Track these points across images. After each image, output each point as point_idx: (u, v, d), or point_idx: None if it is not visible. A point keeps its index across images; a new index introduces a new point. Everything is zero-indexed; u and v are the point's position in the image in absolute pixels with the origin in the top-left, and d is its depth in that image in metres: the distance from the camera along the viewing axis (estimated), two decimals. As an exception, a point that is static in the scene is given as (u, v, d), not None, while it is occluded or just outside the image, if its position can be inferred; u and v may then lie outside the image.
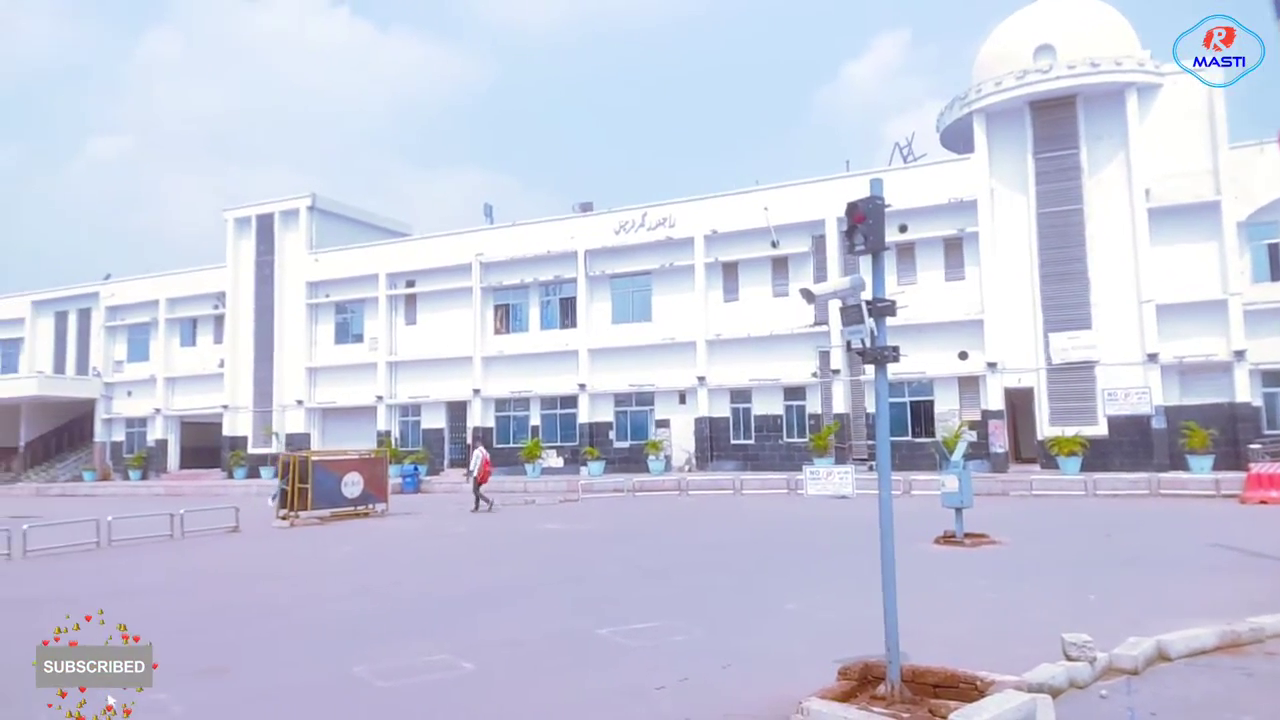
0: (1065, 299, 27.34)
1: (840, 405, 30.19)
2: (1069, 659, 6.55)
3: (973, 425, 27.76)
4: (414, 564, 14.69)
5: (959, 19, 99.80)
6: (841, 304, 6.32)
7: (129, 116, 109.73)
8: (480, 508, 22.91)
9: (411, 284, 38.51)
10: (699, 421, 32.41)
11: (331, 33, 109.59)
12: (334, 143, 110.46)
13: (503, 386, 36.06)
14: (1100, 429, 26.62)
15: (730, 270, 32.88)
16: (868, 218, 6.09)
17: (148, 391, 44.11)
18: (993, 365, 28.09)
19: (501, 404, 36.37)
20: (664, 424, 33.50)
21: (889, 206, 6.37)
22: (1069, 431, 26.35)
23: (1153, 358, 26.26)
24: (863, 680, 6.17)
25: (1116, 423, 26.58)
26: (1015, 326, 27.96)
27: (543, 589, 11.57)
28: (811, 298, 6.85)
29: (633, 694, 6.60)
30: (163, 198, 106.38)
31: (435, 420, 37.57)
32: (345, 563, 14.98)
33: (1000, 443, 27.81)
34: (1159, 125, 27.09)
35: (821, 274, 30.35)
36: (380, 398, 37.94)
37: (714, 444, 32.27)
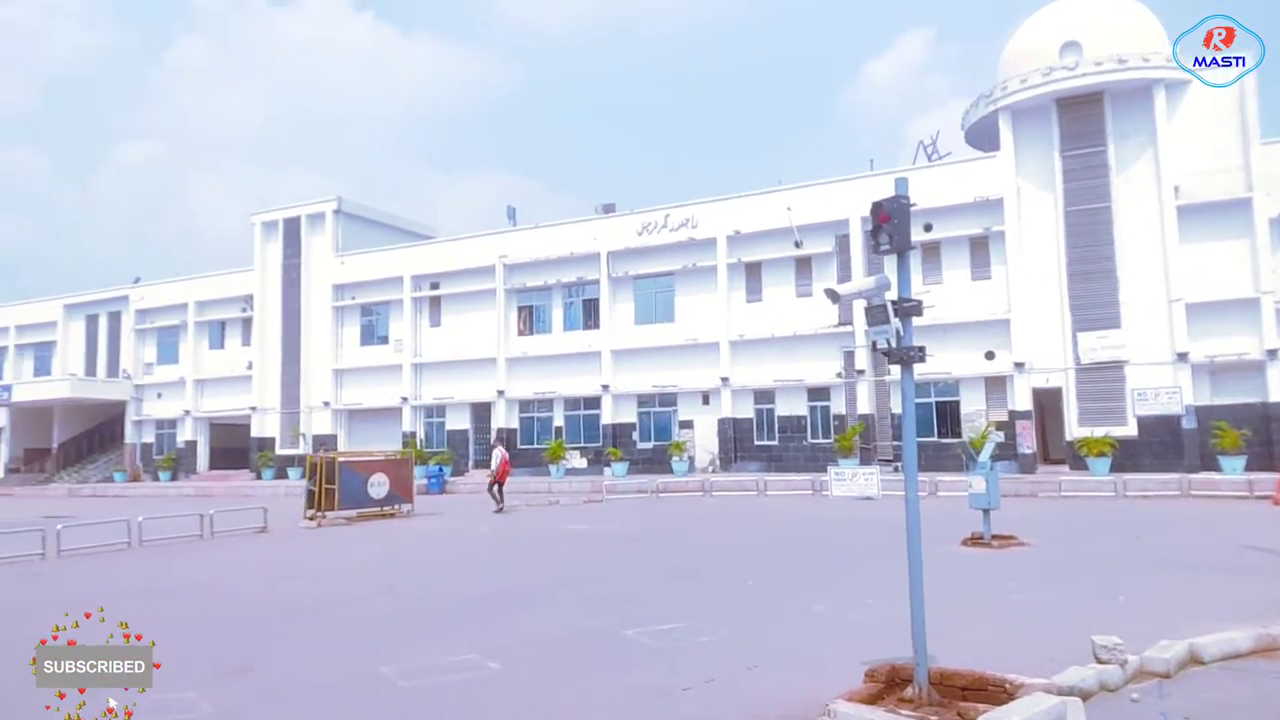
0: (1094, 298, 27.04)
1: (865, 406, 30.04)
2: (1099, 662, 6.47)
3: (1000, 426, 27.46)
4: (440, 564, 14.78)
5: (984, 16, 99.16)
6: (867, 304, 6.28)
7: (158, 122, 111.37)
8: (500, 506, 22.96)
9: (436, 286, 38.75)
10: (722, 422, 32.36)
11: (356, 38, 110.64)
12: (359, 146, 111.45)
13: (526, 388, 36.20)
14: (1130, 429, 26.30)
15: (753, 270, 32.81)
16: (893, 217, 6.06)
17: (177, 393, 44.70)
18: (1020, 365, 27.84)
19: (525, 405, 36.52)
20: (687, 425, 33.48)
21: (914, 206, 6.33)
22: (1098, 432, 26.06)
23: (1183, 357, 25.91)
24: (890, 683, 6.13)
25: (1146, 423, 26.25)
26: (1043, 326, 27.69)
27: (568, 589, 11.60)
28: (836, 298, 6.83)
29: (659, 694, 6.60)
30: (191, 202, 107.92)
31: (460, 421, 37.78)
32: (371, 563, 15.09)
33: (1028, 443, 27.55)
34: (1188, 121, 26.75)
35: (845, 274, 30.22)
36: (405, 399, 38.21)
37: (738, 445, 32.20)
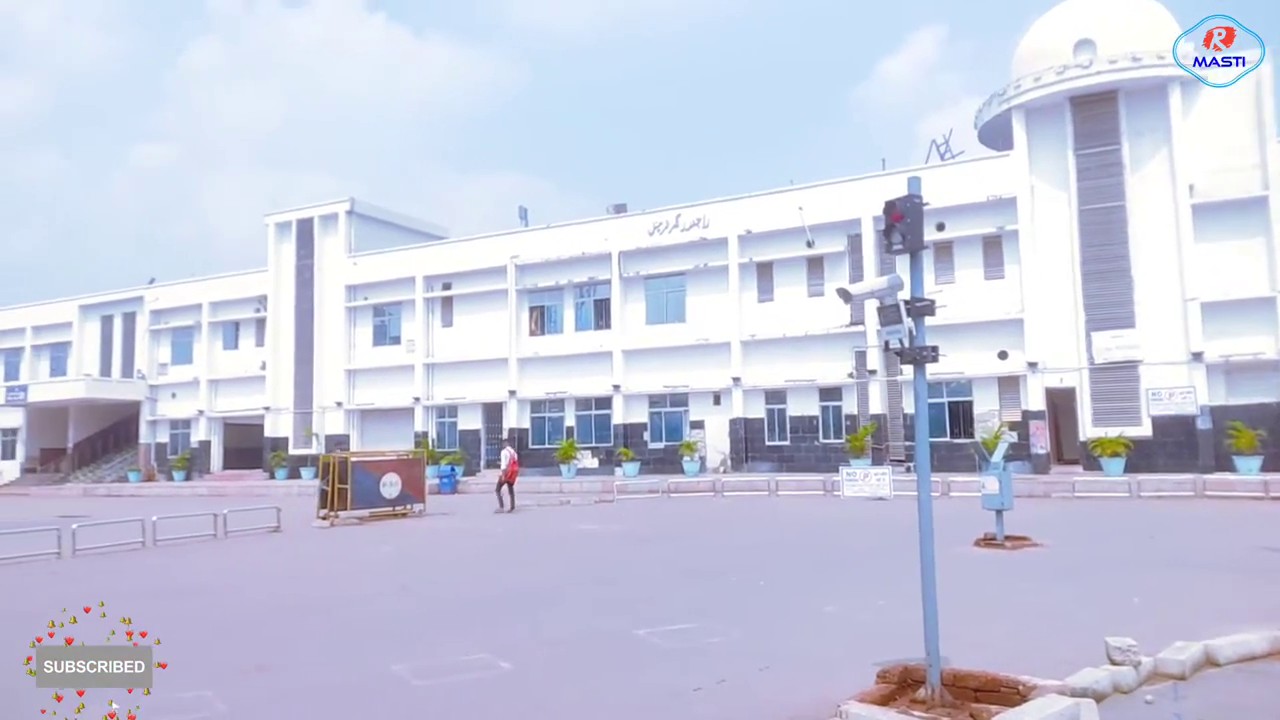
0: (1108, 297, 26.89)
1: (877, 406, 29.96)
2: (1113, 663, 6.43)
3: (1013, 426, 27.30)
4: (452, 564, 14.81)
5: (997, 14, 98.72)
6: (879, 304, 6.26)
7: (172, 125, 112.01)
8: (503, 507, 22.88)
9: (448, 286, 38.86)
10: (734, 422, 32.33)
11: (368, 39, 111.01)
12: (371, 147, 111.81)
13: (538, 388, 36.25)
14: (1144, 429, 26.14)
15: (765, 270, 32.76)
16: (906, 216, 6.04)
17: (191, 394, 44.98)
18: (1033, 365, 27.70)
19: (537, 405, 36.56)
20: (698, 425, 33.45)
21: (927, 205, 6.31)
22: (1112, 432, 25.91)
23: (1198, 357, 25.73)
24: (902, 684, 6.11)
25: (1161, 423, 26.09)
26: (1056, 325, 27.56)
27: (579, 589, 11.61)
28: (849, 298, 6.81)
29: (670, 695, 6.59)
30: (205, 203, 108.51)
31: (471, 421, 37.86)
32: (384, 562, 15.15)
33: (1041, 444, 27.41)
34: (1204, 119, 26.56)
35: (857, 274, 30.14)
36: (417, 399, 38.33)
37: (749, 445, 32.16)
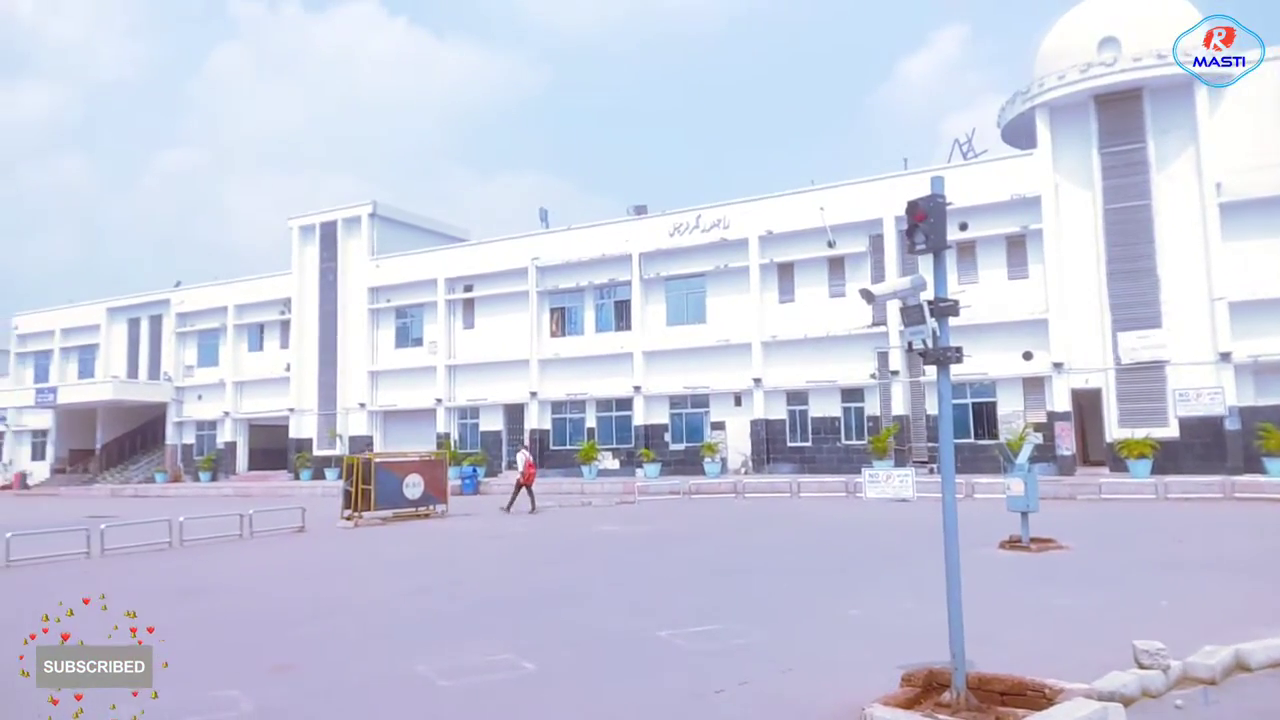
0: (1134, 297, 26.59)
1: (899, 407, 29.78)
2: (1141, 667, 6.36)
3: (1038, 427, 27.12)
4: (474, 564, 14.87)
5: (1019, 12, 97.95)
6: (902, 304, 6.23)
7: (197, 130, 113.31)
8: (514, 508, 22.81)
9: (469, 288, 39.03)
10: (755, 424, 32.24)
11: (390, 43, 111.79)
12: (394, 150, 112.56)
13: (559, 389, 36.33)
14: (1171, 431, 25.82)
15: (786, 271, 32.65)
16: (929, 216, 6.02)
17: (217, 395, 45.47)
18: (1059, 366, 27.44)
19: (558, 406, 36.64)
20: (719, 426, 33.39)
21: (950, 204, 6.27)
22: (1139, 433, 25.60)
23: (1226, 357, 25.39)
24: (927, 687, 6.08)
25: (1188, 424, 25.76)
26: (1082, 326, 27.28)
27: (602, 590, 11.63)
28: (871, 298, 6.79)
29: (692, 696, 6.60)
30: (229, 207, 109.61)
31: (493, 423, 38.00)
32: (407, 563, 15.24)
33: (1067, 445, 27.14)
34: (1230, 117, 26.20)
35: (879, 274, 29.98)
36: (439, 400, 38.51)
37: (770, 446, 32.06)
